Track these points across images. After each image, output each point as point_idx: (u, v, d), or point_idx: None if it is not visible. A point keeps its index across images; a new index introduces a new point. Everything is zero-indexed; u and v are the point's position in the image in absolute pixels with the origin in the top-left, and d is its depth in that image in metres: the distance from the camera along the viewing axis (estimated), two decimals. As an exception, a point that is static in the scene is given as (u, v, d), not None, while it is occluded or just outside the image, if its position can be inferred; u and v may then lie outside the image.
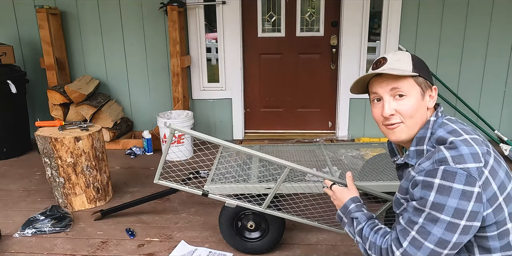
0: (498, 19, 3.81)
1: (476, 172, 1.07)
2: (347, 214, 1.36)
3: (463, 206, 1.06)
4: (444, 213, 1.07)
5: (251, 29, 4.16)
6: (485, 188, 1.08)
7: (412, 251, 1.11)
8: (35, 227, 2.45)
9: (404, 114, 1.22)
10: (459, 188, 1.06)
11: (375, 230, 1.26)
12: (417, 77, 1.22)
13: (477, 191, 1.06)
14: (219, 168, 2.37)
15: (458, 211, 1.06)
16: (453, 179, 1.06)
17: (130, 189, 3.08)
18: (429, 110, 1.25)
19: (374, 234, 1.24)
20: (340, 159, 2.53)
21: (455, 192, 1.06)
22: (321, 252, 2.21)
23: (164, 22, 4.03)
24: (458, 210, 1.06)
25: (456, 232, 1.08)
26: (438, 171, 1.08)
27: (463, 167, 1.07)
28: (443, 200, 1.07)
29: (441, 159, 1.10)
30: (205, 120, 4.33)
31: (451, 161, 1.08)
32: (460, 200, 1.06)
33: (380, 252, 1.20)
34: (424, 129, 1.22)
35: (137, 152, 3.88)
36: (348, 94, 4.11)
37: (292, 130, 4.44)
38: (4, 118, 3.76)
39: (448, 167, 1.07)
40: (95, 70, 4.25)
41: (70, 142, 2.61)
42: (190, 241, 2.33)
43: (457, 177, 1.06)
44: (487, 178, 1.08)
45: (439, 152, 1.12)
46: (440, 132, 1.18)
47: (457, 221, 1.07)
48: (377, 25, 4.10)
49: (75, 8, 4.08)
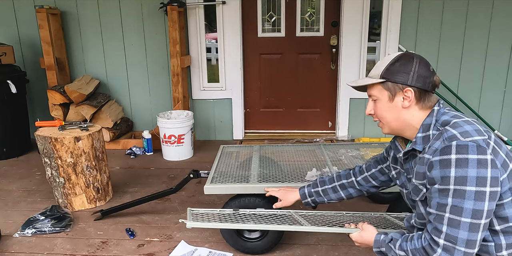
0: (498, 19, 3.81)
1: (484, 142, 1.18)
2: (382, 244, 1.41)
3: (483, 174, 1.15)
4: (469, 185, 1.15)
5: (251, 29, 4.16)
6: (496, 155, 1.19)
7: (453, 232, 1.18)
8: (35, 227, 2.45)
9: (377, 115, 1.44)
10: (474, 158, 1.16)
11: (409, 239, 1.32)
12: (385, 83, 1.36)
13: (490, 158, 1.16)
14: (219, 168, 2.38)
15: (480, 179, 1.15)
16: (467, 151, 1.17)
17: (130, 189, 3.08)
18: (410, 108, 1.36)
19: (411, 242, 1.30)
20: (340, 159, 2.53)
21: (472, 162, 1.16)
22: (321, 252, 2.21)
23: (164, 22, 4.03)
24: (479, 178, 1.15)
25: (485, 200, 1.16)
26: (451, 147, 1.19)
27: (472, 139, 1.18)
28: (463, 172, 1.16)
29: (450, 136, 1.21)
30: (205, 120, 4.33)
31: (460, 136, 1.20)
32: (478, 169, 1.15)
33: (425, 252, 1.24)
34: (430, 117, 1.34)
35: (137, 152, 3.88)
36: (348, 94, 4.11)
37: (292, 130, 4.44)
38: (4, 118, 3.76)
39: (459, 141, 1.19)
40: (95, 70, 4.25)
41: (70, 142, 2.61)
42: (190, 241, 2.33)
43: (469, 148, 1.17)
44: (494, 148, 1.20)
45: (447, 131, 1.24)
46: (444, 117, 1.32)
47: (482, 188, 1.15)
48: (377, 25, 4.10)
49: (75, 8, 4.08)
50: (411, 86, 1.33)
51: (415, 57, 1.37)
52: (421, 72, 1.33)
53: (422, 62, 1.36)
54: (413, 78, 1.33)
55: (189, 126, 3.73)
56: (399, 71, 1.34)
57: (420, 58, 1.37)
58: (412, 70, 1.33)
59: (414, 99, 1.35)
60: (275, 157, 2.63)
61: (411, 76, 1.33)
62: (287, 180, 2.19)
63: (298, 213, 1.96)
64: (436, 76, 1.37)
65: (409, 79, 1.33)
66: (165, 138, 3.69)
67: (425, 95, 1.35)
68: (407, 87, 1.34)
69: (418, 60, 1.36)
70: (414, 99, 1.35)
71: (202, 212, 1.98)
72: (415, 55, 1.37)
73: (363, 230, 1.52)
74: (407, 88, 1.34)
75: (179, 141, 3.68)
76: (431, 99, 1.37)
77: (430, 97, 1.37)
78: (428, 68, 1.35)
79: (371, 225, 1.52)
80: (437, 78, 1.37)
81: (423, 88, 1.34)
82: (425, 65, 1.36)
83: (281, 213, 1.94)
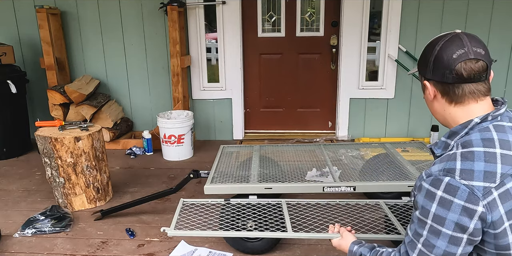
0: (498, 19, 3.81)
1: (481, 191, 1.02)
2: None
3: (464, 222, 1.03)
4: (445, 227, 1.06)
5: (251, 29, 4.16)
6: (493, 208, 1.02)
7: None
8: (35, 227, 2.45)
9: None
10: (460, 203, 1.03)
11: (379, 254, 1.29)
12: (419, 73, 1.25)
13: (480, 210, 1.02)
14: (219, 168, 2.38)
15: (459, 226, 1.04)
16: (455, 194, 1.03)
17: (130, 189, 3.08)
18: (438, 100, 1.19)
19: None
20: (340, 159, 2.53)
21: (456, 207, 1.03)
22: (321, 252, 2.21)
23: (164, 22, 4.03)
24: (459, 225, 1.04)
25: (460, 245, 1.06)
26: (442, 183, 1.06)
27: (467, 183, 1.03)
28: (443, 213, 1.05)
29: (449, 169, 1.06)
30: (205, 120, 4.33)
31: (458, 175, 1.04)
32: (460, 216, 1.03)
33: None
34: (462, 126, 1.14)
35: (137, 152, 3.88)
36: (348, 94, 4.11)
37: (292, 130, 4.44)
38: (4, 118, 3.75)
39: (452, 180, 1.04)
40: (95, 70, 4.25)
41: (70, 142, 2.61)
42: (190, 241, 2.33)
43: (459, 192, 1.03)
44: (494, 200, 1.02)
45: (452, 161, 1.08)
46: (474, 136, 1.10)
47: (459, 235, 1.05)
48: (377, 25, 4.10)
49: (75, 8, 4.08)
50: (429, 79, 1.19)
51: (441, 41, 1.15)
52: (438, 62, 1.14)
53: (446, 47, 1.13)
54: (431, 70, 1.16)
55: (189, 126, 3.73)
56: (422, 61, 1.21)
57: (446, 42, 1.14)
58: (430, 60, 1.16)
59: (438, 93, 1.18)
60: (275, 157, 2.63)
61: (429, 68, 1.17)
62: (287, 180, 2.19)
63: (289, 202, 2.03)
64: (462, 63, 1.10)
65: (428, 71, 1.18)
66: (165, 138, 3.69)
67: (448, 88, 1.14)
68: (425, 80, 1.21)
69: (441, 45, 1.14)
70: (438, 92, 1.18)
71: (193, 202, 2.01)
72: (443, 39, 1.15)
73: (342, 238, 1.53)
74: (425, 81, 1.21)
75: (179, 141, 3.68)
76: (459, 93, 1.13)
77: (456, 90, 1.14)
78: (450, 55, 1.11)
79: (350, 234, 1.54)
80: (465, 65, 1.10)
81: (441, 81, 1.15)
82: (448, 51, 1.12)
83: (274, 203, 1.99)
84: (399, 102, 4.10)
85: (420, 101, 4.10)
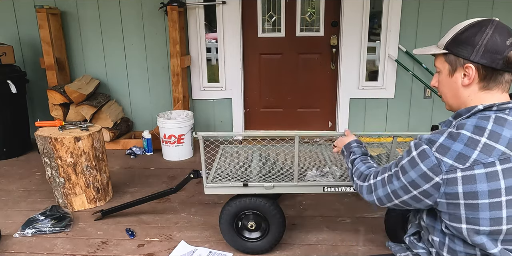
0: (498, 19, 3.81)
1: (447, 167, 1.09)
2: (348, 148, 1.62)
3: (419, 182, 1.16)
4: (404, 177, 1.20)
5: (251, 29, 4.16)
6: (448, 184, 1.10)
7: (378, 186, 1.31)
8: (35, 227, 2.45)
9: (438, 89, 1.29)
10: (423, 168, 1.14)
11: (364, 162, 1.50)
12: (448, 55, 1.20)
13: (436, 180, 1.11)
14: (219, 167, 2.37)
15: (413, 183, 1.17)
16: (423, 160, 1.13)
17: (130, 189, 3.08)
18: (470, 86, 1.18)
19: (363, 164, 1.48)
20: (340, 159, 2.53)
21: (419, 169, 1.15)
22: (321, 252, 2.21)
23: (164, 22, 4.03)
24: (414, 182, 1.17)
25: (408, 195, 1.20)
26: (419, 147, 1.16)
27: (438, 157, 1.11)
28: (408, 169, 1.18)
29: (431, 140, 1.15)
30: (205, 120, 4.33)
31: (435, 147, 1.13)
32: (418, 177, 1.15)
33: (360, 176, 1.43)
34: (466, 110, 1.18)
35: (137, 152, 3.88)
36: (348, 94, 4.11)
37: (292, 130, 4.44)
38: (4, 118, 3.76)
39: (427, 149, 1.14)
40: (95, 70, 4.25)
41: (70, 142, 2.61)
42: (190, 241, 2.33)
43: (427, 160, 1.13)
44: (455, 179, 1.09)
45: (439, 134, 1.15)
46: (469, 121, 1.13)
47: (410, 188, 1.19)
48: (377, 25, 4.10)
49: (75, 8, 4.08)
50: (473, 62, 1.14)
51: (491, 25, 1.14)
52: (492, 46, 1.11)
53: (498, 32, 1.12)
54: (479, 52, 1.13)
55: (189, 126, 3.73)
56: (464, 42, 1.15)
57: (496, 27, 1.13)
58: (480, 43, 1.13)
59: (477, 78, 1.15)
60: (275, 157, 2.63)
61: (476, 50, 1.13)
62: (287, 180, 2.19)
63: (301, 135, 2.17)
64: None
65: (473, 54, 1.14)
66: (165, 138, 3.69)
67: (492, 73, 1.14)
68: (468, 62, 1.15)
69: (493, 29, 1.13)
70: (477, 77, 1.15)
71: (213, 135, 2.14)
72: (492, 23, 1.14)
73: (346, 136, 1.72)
74: (469, 64, 1.15)
75: (179, 141, 3.68)
76: (499, 80, 1.15)
77: (498, 77, 1.14)
78: (504, 41, 1.11)
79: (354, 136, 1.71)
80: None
81: (489, 66, 1.12)
82: (501, 37, 1.12)
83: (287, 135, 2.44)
84: (399, 102, 4.10)
85: (420, 101, 4.11)
